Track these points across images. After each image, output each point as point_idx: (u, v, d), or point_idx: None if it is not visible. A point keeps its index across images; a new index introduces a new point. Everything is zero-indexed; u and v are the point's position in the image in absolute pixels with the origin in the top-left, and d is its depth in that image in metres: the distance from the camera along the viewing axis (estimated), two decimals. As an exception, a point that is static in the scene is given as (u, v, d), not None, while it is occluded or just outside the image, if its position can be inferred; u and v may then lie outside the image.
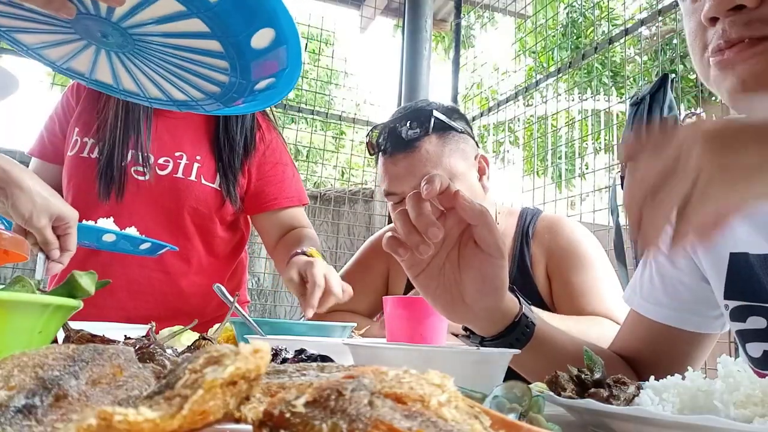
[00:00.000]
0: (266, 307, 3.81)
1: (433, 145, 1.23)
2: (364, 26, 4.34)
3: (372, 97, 5.36)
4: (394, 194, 1.27)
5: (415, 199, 0.68)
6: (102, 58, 0.65)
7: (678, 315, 0.85)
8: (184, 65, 0.64)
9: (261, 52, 0.59)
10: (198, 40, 0.59)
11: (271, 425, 0.24)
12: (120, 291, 1.36)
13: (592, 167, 3.47)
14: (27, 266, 3.13)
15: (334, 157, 4.72)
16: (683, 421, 0.40)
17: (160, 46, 0.61)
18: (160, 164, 1.38)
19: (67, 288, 0.50)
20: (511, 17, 4.07)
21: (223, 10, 0.54)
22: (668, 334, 0.86)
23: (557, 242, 1.27)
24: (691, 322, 0.85)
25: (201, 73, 0.65)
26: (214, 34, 0.57)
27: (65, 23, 0.59)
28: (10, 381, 0.26)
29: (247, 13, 0.55)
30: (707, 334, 0.86)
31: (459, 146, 1.26)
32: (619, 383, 0.53)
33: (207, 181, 1.39)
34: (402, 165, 1.24)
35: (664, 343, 0.86)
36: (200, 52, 0.61)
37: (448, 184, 0.68)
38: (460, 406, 0.26)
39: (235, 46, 0.59)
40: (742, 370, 0.46)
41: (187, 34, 0.58)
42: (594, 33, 4.72)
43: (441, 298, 0.74)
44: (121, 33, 0.59)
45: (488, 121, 4.47)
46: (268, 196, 1.46)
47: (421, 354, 0.61)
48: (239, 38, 0.57)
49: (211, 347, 0.25)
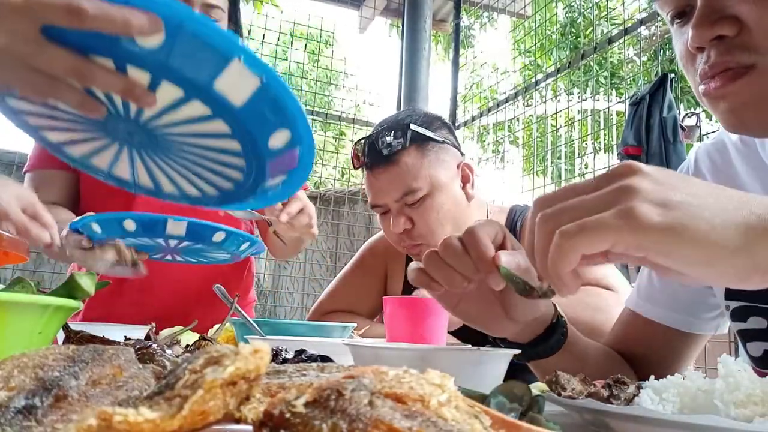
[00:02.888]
0: (266, 307, 3.81)
1: (412, 158, 1.24)
2: (363, 27, 4.35)
3: (372, 98, 5.36)
4: (379, 206, 1.29)
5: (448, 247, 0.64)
6: (123, 156, 0.66)
7: (674, 315, 0.86)
8: (204, 163, 0.65)
9: (277, 152, 0.60)
10: (219, 140, 0.60)
11: (271, 425, 0.24)
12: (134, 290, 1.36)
13: (592, 167, 3.47)
14: (27, 267, 3.13)
15: (334, 157, 4.72)
16: (683, 420, 0.40)
17: (181, 144, 0.62)
18: None
19: (66, 289, 0.50)
20: (510, 17, 4.08)
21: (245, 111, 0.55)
22: (663, 334, 0.86)
23: None
24: (687, 323, 0.86)
25: (218, 171, 0.66)
26: (235, 135, 0.58)
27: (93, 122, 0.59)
28: (10, 381, 0.26)
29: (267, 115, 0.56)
30: (700, 335, 0.87)
31: (439, 157, 1.27)
32: (619, 383, 0.53)
33: None
34: (383, 178, 1.25)
35: (658, 342, 0.87)
36: (221, 151, 0.62)
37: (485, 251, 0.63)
38: (460, 406, 0.26)
39: (254, 146, 0.60)
40: (743, 369, 0.46)
41: (209, 135, 0.59)
42: (593, 33, 4.73)
43: (483, 319, 0.71)
44: (146, 132, 0.60)
45: (488, 121, 4.47)
46: None
47: (421, 354, 0.61)
48: (258, 139, 0.58)
49: (211, 348, 0.25)
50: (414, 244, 1.27)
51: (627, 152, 2.51)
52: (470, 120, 3.84)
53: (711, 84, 0.65)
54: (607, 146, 4.47)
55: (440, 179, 1.25)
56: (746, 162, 0.80)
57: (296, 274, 3.89)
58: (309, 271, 3.90)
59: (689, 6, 0.67)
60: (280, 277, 3.91)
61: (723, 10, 0.61)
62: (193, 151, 0.62)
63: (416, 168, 1.23)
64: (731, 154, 0.83)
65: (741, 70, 0.62)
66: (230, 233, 1.05)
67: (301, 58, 4.90)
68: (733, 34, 0.61)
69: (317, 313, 1.49)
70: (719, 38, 0.62)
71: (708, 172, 0.85)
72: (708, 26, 0.62)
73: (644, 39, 3.66)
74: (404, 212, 1.25)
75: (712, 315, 0.86)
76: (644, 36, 3.60)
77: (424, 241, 1.25)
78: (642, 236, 0.43)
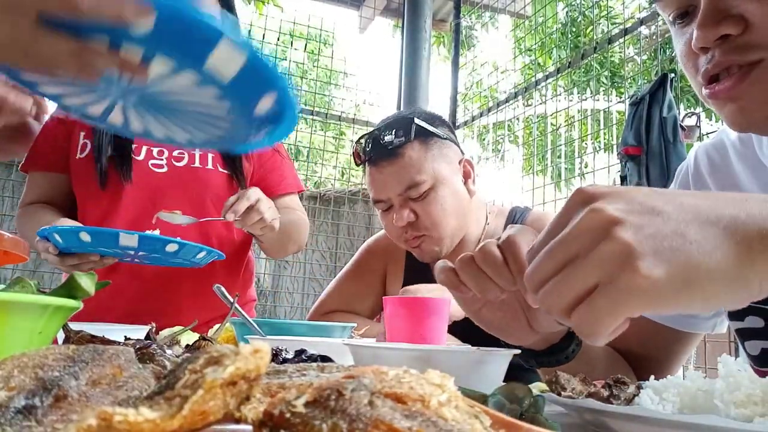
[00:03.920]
0: (266, 307, 3.81)
1: (415, 151, 1.25)
2: (363, 27, 4.35)
3: (371, 98, 5.36)
4: (382, 201, 1.30)
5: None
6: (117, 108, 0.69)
7: (673, 315, 0.86)
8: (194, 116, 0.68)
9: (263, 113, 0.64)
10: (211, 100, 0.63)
11: (272, 425, 0.24)
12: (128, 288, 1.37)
13: (592, 166, 3.47)
14: (27, 267, 3.13)
15: (334, 157, 4.72)
16: (683, 420, 0.40)
17: (173, 102, 0.66)
18: (176, 156, 1.43)
19: (66, 289, 0.50)
20: (510, 17, 4.07)
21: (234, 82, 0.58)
22: (660, 333, 0.87)
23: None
24: (685, 322, 0.87)
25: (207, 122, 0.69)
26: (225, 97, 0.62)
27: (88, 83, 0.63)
28: (10, 381, 0.26)
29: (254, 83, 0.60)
30: (696, 334, 0.88)
31: (442, 151, 1.29)
32: (619, 383, 0.53)
33: (222, 168, 1.46)
34: (387, 172, 1.26)
35: (656, 342, 0.87)
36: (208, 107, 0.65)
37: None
38: (460, 406, 0.26)
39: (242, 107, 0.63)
40: (743, 369, 0.46)
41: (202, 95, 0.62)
42: (593, 32, 4.72)
43: (504, 328, 0.69)
44: (139, 94, 0.63)
45: (488, 121, 4.48)
46: (271, 183, 1.53)
47: (421, 354, 0.61)
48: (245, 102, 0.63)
49: (211, 348, 0.25)
50: (416, 236, 1.28)
51: (627, 152, 2.51)
52: (470, 119, 3.84)
53: (718, 86, 0.64)
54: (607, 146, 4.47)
55: (443, 173, 1.27)
56: (744, 162, 0.80)
57: (296, 273, 3.89)
58: (309, 271, 3.90)
59: (692, 6, 0.66)
60: (280, 276, 3.91)
61: (728, 9, 0.61)
62: (185, 108, 0.66)
63: (420, 161, 1.25)
64: (730, 154, 0.83)
65: (747, 68, 0.62)
66: (182, 245, 1.13)
67: (300, 58, 4.90)
68: (738, 33, 0.61)
69: (317, 313, 1.49)
70: (723, 38, 0.62)
71: (707, 172, 0.86)
72: (713, 26, 0.61)
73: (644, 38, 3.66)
74: (408, 205, 1.26)
75: (709, 315, 0.86)
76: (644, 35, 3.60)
77: (428, 233, 1.26)
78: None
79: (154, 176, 1.40)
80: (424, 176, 1.24)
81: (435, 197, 1.25)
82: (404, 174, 1.24)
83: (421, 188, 1.24)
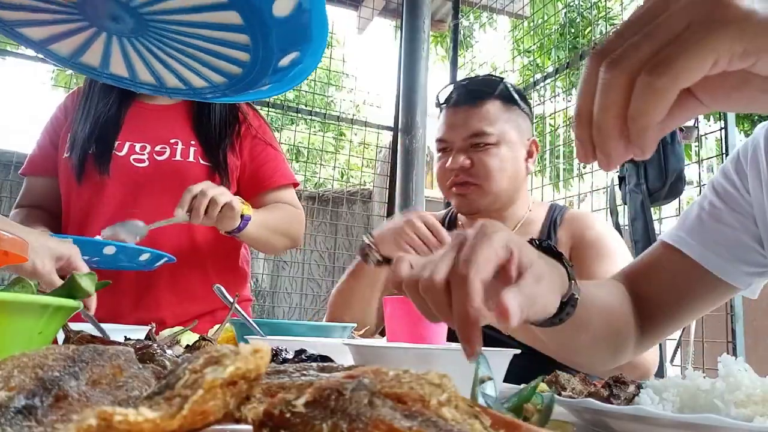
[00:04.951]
0: (264, 307, 3.81)
1: (495, 108, 1.31)
2: (362, 27, 4.34)
3: (371, 98, 5.36)
4: (443, 142, 1.34)
5: None
6: (115, 48, 0.61)
7: (713, 258, 0.85)
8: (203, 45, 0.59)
9: (283, 21, 0.55)
10: (216, 13, 0.55)
11: (272, 425, 0.24)
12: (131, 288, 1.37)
13: (590, 167, 3.47)
14: (26, 268, 3.12)
15: (334, 157, 4.72)
16: (683, 420, 0.40)
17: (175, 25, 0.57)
18: (158, 151, 1.42)
19: (66, 289, 0.50)
20: (509, 17, 4.08)
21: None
22: (694, 272, 0.85)
23: (588, 233, 1.31)
24: (724, 269, 0.85)
25: (221, 53, 0.60)
26: (233, 4, 0.53)
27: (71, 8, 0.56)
28: (10, 382, 0.26)
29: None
30: (729, 286, 0.86)
31: (517, 120, 1.34)
32: (619, 383, 0.53)
33: (204, 161, 1.44)
34: (461, 116, 1.32)
35: (685, 280, 0.85)
36: (219, 27, 0.56)
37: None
38: (460, 406, 0.26)
39: (256, 15, 0.54)
40: (743, 369, 0.46)
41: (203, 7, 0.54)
42: (592, 33, 4.73)
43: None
44: (132, 14, 0.56)
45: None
46: (264, 176, 1.51)
47: (421, 354, 0.61)
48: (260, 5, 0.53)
49: (211, 347, 0.25)
50: (464, 182, 1.30)
51: (626, 152, 2.51)
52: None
53: None
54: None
55: (511, 137, 1.31)
56: None
57: (294, 274, 3.89)
58: (307, 271, 3.89)
59: None
60: (279, 277, 3.91)
61: None
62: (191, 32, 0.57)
63: (495, 117, 1.30)
64: None
65: None
66: (121, 248, 1.10)
67: (300, 58, 4.89)
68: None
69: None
70: None
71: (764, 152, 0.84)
72: None
73: (643, 39, 3.65)
74: (467, 152, 1.30)
75: (749, 270, 0.85)
76: (643, 36, 3.59)
77: (478, 181, 1.29)
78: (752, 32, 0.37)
79: (135, 171, 1.39)
80: (494, 130, 1.29)
81: (496, 152, 1.29)
82: (476, 122, 1.29)
83: (487, 139, 1.28)
